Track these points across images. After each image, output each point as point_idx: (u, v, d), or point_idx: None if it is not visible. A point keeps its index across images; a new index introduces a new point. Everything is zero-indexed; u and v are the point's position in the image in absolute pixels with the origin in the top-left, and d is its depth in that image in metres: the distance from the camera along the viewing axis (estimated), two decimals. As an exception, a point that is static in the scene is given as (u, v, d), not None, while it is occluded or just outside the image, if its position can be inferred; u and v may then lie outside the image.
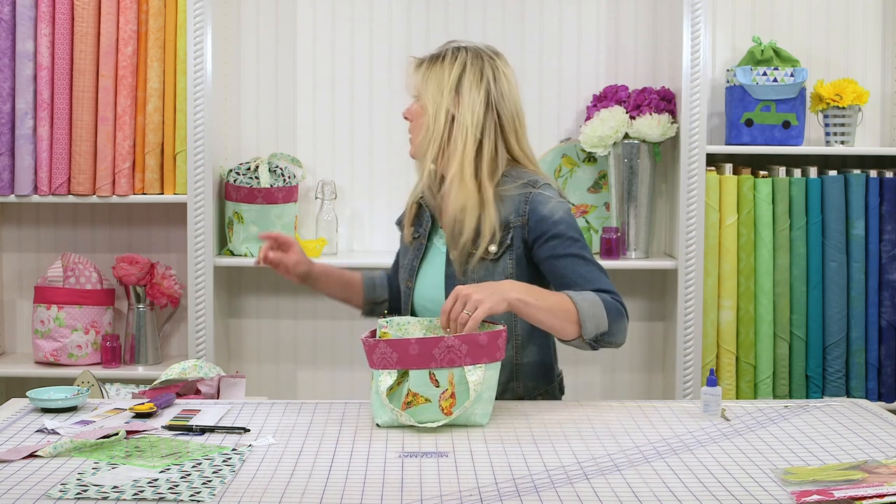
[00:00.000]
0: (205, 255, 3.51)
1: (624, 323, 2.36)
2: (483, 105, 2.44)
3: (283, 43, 3.72)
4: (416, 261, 2.54)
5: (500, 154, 2.47)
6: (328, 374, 3.77)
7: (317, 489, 1.81)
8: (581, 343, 2.33)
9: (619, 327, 2.35)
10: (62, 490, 1.79)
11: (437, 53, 2.49)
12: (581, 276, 2.38)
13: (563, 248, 2.40)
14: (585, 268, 2.39)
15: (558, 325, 2.29)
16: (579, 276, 2.38)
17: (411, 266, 2.55)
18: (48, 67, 3.51)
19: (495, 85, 2.46)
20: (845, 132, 3.57)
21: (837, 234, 3.52)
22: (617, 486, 1.83)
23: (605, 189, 3.69)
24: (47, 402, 2.31)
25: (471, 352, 2.15)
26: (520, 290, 2.26)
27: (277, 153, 3.66)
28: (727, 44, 3.70)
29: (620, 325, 2.35)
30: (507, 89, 2.47)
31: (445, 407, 2.16)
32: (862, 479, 1.81)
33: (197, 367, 2.58)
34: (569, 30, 3.71)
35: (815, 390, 3.56)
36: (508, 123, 2.47)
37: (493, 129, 2.45)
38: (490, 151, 2.45)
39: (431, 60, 2.48)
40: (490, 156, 2.45)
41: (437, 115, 2.44)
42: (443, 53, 2.48)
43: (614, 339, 2.35)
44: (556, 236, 2.40)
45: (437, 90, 2.45)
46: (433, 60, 2.48)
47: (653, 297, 3.76)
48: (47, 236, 3.77)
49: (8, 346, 3.81)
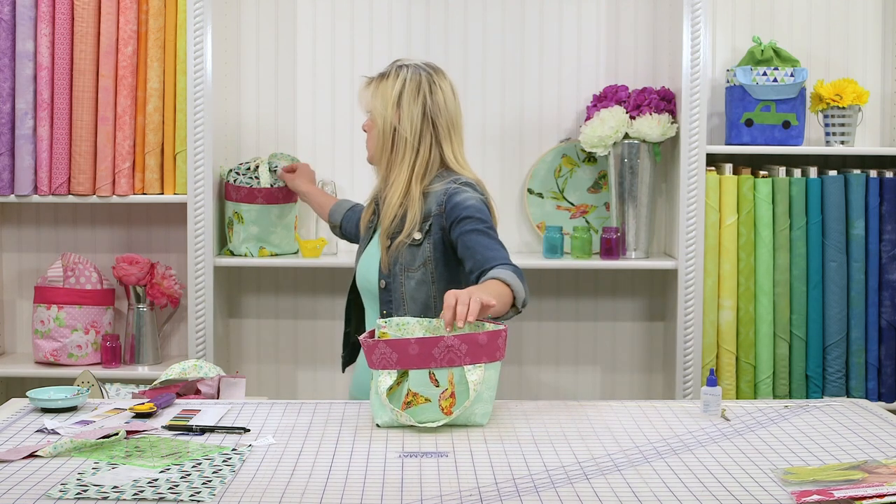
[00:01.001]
0: (205, 255, 3.51)
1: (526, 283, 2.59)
2: (420, 117, 2.74)
3: (283, 43, 3.72)
4: (362, 246, 2.87)
5: (434, 159, 2.76)
6: (328, 374, 3.77)
7: (317, 489, 1.82)
8: (514, 312, 2.52)
9: (526, 287, 2.57)
10: (62, 490, 1.79)
11: (384, 72, 2.80)
12: (484, 246, 2.62)
13: (470, 225, 2.65)
14: (487, 240, 2.64)
15: (503, 308, 2.44)
16: (483, 246, 2.62)
17: (359, 250, 2.88)
18: (48, 67, 3.51)
19: (432, 98, 2.74)
20: (845, 132, 3.57)
21: (837, 234, 3.52)
22: (617, 486, 1.83)
23: (605, 189, 3.69)
24: (47, 402, 2.31)
25: (470, 351, 2.16)
26: (480, 289, 2.40)
27: (277, 153, 3.66)
28: (727, 44, 3.70)
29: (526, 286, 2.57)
30: (442, 102, 2.76)
31: (445, 407, 2.17)
32: (862, 479, 1.81)
33: (197, 367, 2.58)
34: (569, 30, 3.71)
35: (815, 390, 3.56)
36: (444, 132, 2.76)
37: (430, 137, 2.75)
38: (424, 157, 2.75)
39: (378, 79, 2.79)
40: (423, 161, 2.75)
41: (384, 128, 2.77)
42: (388, 72, 2.78)
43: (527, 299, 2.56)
44: (467, 218, 2.66)
45: (382, 105, 2.76)
46: (379, 79, 2.79)
47: (653, 297, 3.76)
48: (47, 236, 3.77)
49: (8, 346, 3.81)
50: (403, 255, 2.73)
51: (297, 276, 3.77)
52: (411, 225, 2.72)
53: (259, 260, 3.57)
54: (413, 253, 2.73)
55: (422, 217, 2.72)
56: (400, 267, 2.72)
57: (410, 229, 2.72)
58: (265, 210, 3.56)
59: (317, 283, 3.77)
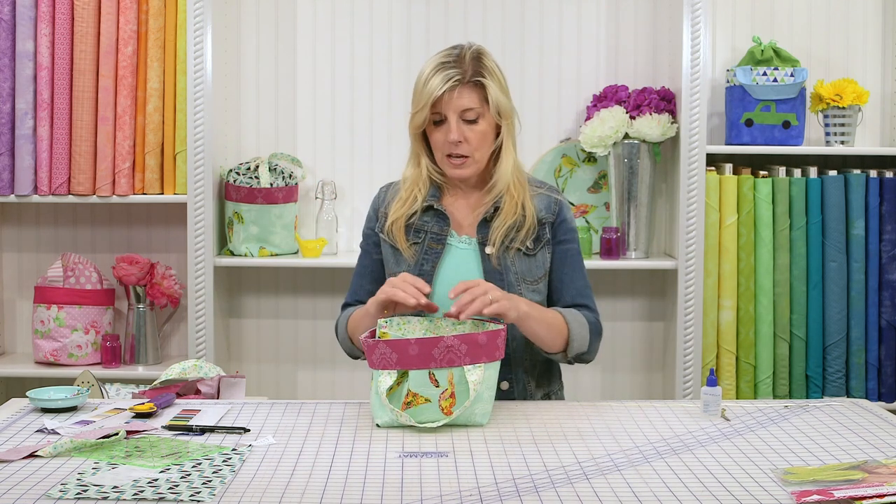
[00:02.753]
0: (205, 255, 3.51)
1: (599, 343, 2.52)
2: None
3: (283, 43, 3.72)
4: (433, 264, 2.48)
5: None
6: (328, 374, 3.77)
7: (317, 489, 1.82)
8: (561, 357, 2.47)
9: (595, 346, 2.51)
10: (62, 490, 1.79)
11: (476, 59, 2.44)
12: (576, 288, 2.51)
13: (573, 255, 2.52)
14: (582, 282, 2.53)
15: (549, 339, 2.40)
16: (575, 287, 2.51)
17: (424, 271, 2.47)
18: (48, 67, 3.51)
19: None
20: (845, 132, 3.57)
21: (837, 234, 3.52)
22: (617, 486, 1.83)
23: (605, 189, 3.69)
24: (47, 402, 2.31)
25: (470, 351, 2.16)
26: (526, 304, 2.36)
27: (277, 153, 3.66)
28: (727, 44, 3.70)
29: (596, 345, 2.51)
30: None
31: (445, 407, 2.17)
32: (862, 479, 1.81)
33: (197, 367, 2.58)
34: (569, 30, 3.71)
35: (815, 390, 3.56)
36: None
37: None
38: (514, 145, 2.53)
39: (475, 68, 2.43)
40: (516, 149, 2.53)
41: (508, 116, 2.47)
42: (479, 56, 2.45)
43: (588, 357, 2.51)
44: (571, 241, 2.53)
45: (499, 90, 2.46)
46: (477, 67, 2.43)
47: (653, 297, 3.76)
48: (47, 236, 3.77)
49: (8, 346, 3.81)
50: (515, 264, 2.48)
51: (297, 276, 3.77)
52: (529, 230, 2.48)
53: (259, 260, 3.57)
54: (527, 263, 2.49)
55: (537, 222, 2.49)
56: (516, 277, 2.47)
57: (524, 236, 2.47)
58: (265, 210, 3.56)
59: (317, 283, 3.77)
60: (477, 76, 2.43)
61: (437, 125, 2.46)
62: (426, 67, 2.45)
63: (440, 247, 2.49)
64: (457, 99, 2.42)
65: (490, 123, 2.46)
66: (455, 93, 2.41)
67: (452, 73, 2.41)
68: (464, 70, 2.42)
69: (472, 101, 2.43)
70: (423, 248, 2.49)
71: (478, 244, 2.49)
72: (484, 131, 2.45)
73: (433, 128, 2.47)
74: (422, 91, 2.43)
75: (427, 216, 2.52)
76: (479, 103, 2.43)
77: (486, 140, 2.46)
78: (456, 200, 2.55)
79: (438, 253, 2.48)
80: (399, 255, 2.51)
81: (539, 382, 2.54)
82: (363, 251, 2.61)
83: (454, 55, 2.45)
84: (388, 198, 2.58)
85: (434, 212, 2.52)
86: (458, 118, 2.43)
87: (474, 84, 2.43)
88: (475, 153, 2.46)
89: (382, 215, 2.56)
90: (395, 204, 2.54)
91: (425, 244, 2.50)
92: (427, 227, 2.51)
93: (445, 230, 2.50)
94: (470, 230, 2.52)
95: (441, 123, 2.45)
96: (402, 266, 2.49)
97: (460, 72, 2.42)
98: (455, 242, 2.50)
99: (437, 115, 2.44)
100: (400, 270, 2.48)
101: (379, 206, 2.59)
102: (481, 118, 2.44)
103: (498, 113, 2.46)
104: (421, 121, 2.45)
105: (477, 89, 2.43)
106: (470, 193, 2.55)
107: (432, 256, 2.48)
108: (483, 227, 2.49)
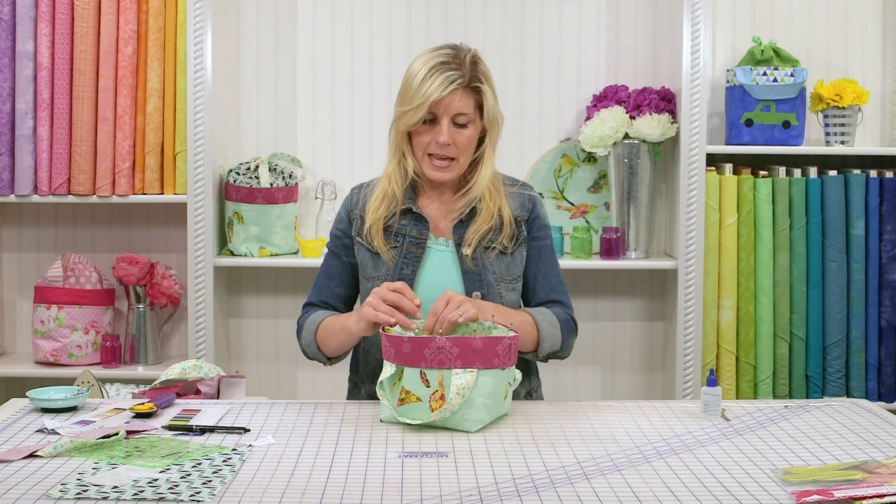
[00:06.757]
0: (205, 255, 3.51)
1: (573, 339, 2.53)
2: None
3: (283, 43, 3.72)
4: (413, 268, 2.46)
5: None
6: (328, 374, 3.77)
7: (317, 489, 1.82)
8: (533, 357, 2.47)
9: (569, 343, 2.52)
10: (62, 490, 1.79)
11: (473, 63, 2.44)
12: (550, 285, 2.53)
13: (546, 251, 2.54)
14: (556, 278, 2.55)
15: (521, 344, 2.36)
16: (549, 283, 2.54)
17: (404, 275, 2.45)
18: (48, 67, 3.51)
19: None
20: (845, 132, 3.57)
21: (837, 234, 3.52)
22: (617, 486, 1.83)
23: (605, 189, 3.69)
24: (47, 402, 2.31)
25: (462, 355, 2.12)
26: (493, 309, 2.36)
27: (277, 153, 3.66)
28: (727, 44, 3.70)
29: (570, 342, 2.52)
30: None
31: (435, 408, 2.15)
32: (862, 479, 1.80)
33: (197, 367, 2.58)
34: (569, 30, 3.71)
35: (815, 390, 3.56)
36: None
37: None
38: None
39: (473, 73, 2.42)
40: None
41: (496, 129, 2.50)
42: (475, 61, 2.44)
43: (562, 354, 2.51)
44: (544, 238, 2.54)
45: (493, 95, 2.47)
46: (475, 72, 2.43)
47: (653, 297, 3.76)
48: (47, 236, 3.78)
49: (8, 346, 3.81)
50: (493, 264, 2.47)
51: (296, 276, 3.77)
52: (508, 230, 2.49)
53: (259, 260, 3.57)
54: (506, 262, 2.49)
55: (512, 221, 2.50)
56: (494, 277, 2.47)
57: (503, 235, 2.48)
58: (265, 210, 3.56)
59: (317, 283, 3.77)
60: (475, 81, 2.43)
61: (424, 124, 2.43)
62: (421, 65, 2.42)
63: (420, 251, 2.47)
64: (454, 102, 2.41)
65: (478, 129, 2.46)
66: (453, 95, 2.40)
67: (454, 75, 2.40)
68: (464, 73, 2.41)
69: (468, 107, 2.42)
70: (403, 252, 2.48)
71: (455, 246, 2.48)
72: (471, 137, 2.45)
73: (419, 126, 2.44)
74: (418, 89, 2.40)
75: (405, 219, 2.50)
76: (472, 109, 2.43)
77: (471, 145, 2.46)
78: (431, 202, 2.53)
79: (419, 257, 2.47)
80: (378, 259, 2.49)
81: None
82: (331, 252, 2.58)
83: (453, 56, 2.43)
84: (361, 200, 2.54)
85: (413, 215, 2.50)
86: (449, 121, 2.42)
87: (472, 89, 2.43)
88: (460, 157, 2.45)
89: (357, 217, 2.53)
90: (372, 203, 2.51)
91: (404, 248, 2.48)
92: (405, 230, 2.49)
93: (424, 234, 2.48)
94: (446, 232, 2.51)
95: (429, 123, 2.43)
96: (380, 270, 2.48)
97: (461, 74, 2.41)
98: (433, 245, 2.49)
99: (429, 115, 2.42)
100: (378, 274, 2.47)
101: (352, 208, 2.55)
102: (471, 124, 2.44)
103: (488, 121, 2.46)
104: (416, 119, 2.41)
105: (473, 95, 2.43)
106: (444, 194, 2.54)
107: (412, 261, 2.46)
108: (459, 228, 2.49)
